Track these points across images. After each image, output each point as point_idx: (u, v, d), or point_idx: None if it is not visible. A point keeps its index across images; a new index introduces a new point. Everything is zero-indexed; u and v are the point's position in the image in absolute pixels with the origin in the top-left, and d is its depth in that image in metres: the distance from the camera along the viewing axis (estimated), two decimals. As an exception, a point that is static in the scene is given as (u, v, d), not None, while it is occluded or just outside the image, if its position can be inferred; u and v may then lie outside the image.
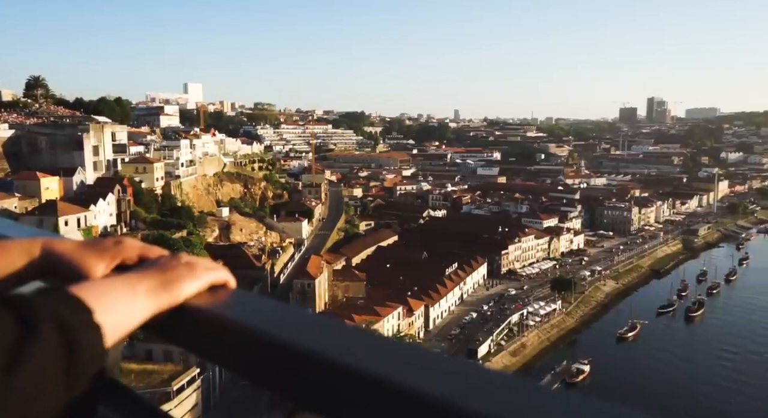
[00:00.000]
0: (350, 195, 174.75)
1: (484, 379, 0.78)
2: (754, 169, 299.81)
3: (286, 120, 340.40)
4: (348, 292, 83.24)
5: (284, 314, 1.06)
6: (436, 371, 0.79)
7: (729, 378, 72.77)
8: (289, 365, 0.89)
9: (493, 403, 0.73)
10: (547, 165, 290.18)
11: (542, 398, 0.77)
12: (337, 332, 0.97)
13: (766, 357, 79.94)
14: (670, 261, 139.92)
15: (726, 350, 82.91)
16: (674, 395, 67.85)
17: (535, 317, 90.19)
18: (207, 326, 1.05)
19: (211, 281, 1.15)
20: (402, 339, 49.08)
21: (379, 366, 0.78)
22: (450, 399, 0.72)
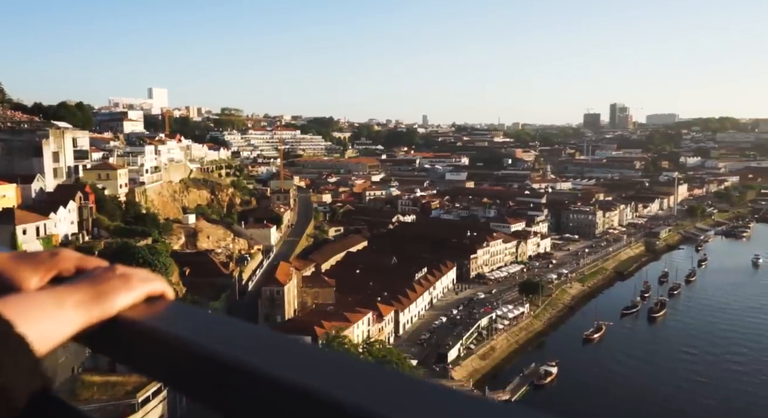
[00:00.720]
0: (319, 201, 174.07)
1: (408, 388, 0.79)
2: (711, 173, 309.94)
3: (253, 126, 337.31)
4: (317, 298, 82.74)
5: (220, 325, 1.05)
6: (369, 384, 0.79)
7: (688, 379, 74.68)
8: (221, 377, 0.89)
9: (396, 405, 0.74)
10: (514, 170, 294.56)
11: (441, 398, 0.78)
12: (273, 344, 0.94)
13: (723, 358, 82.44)
14: (634, 263, 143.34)
15: (685, 351, 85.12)
16: (637, 396, 69.40)
17: (504, 321, 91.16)
18: (139, 338, 1.04)
19: (147, 293, 1.15)
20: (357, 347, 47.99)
21: (311, 379, 0.77)
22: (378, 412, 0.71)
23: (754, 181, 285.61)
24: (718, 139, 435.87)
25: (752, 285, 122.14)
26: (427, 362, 74.42)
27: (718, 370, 76.42)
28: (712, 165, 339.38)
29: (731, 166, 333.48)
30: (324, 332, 64.07)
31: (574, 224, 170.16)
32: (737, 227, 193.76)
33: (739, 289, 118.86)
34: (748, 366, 77.60)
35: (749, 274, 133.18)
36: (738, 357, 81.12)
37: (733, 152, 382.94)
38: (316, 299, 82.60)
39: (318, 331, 65.24)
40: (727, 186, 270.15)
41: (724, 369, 77.27)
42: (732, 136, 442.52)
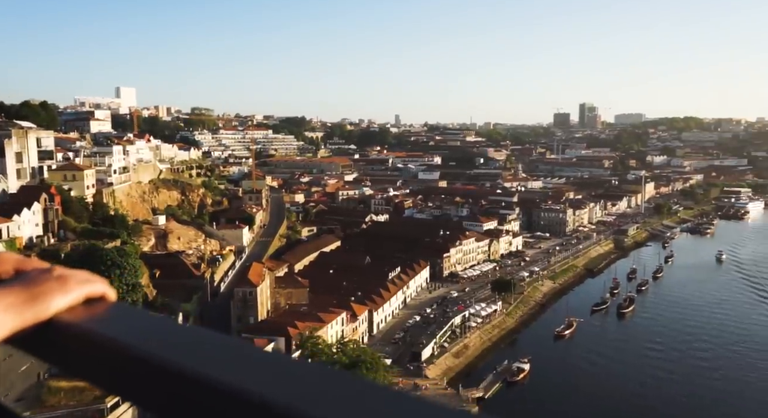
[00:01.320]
0: (292, 201, 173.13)
1: (342, 386, 0.79)
2: (677, 171, 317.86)
3: (225, 125, 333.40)
4: (291, 299, 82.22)
5: (159, 327, 1.03)
6: (302, 384, 0.78)
7: (656, 374, 76.22)
8: (156, 380, 0.88)
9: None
10: (486, 169, 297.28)
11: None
12: (211, 345, 0.94)
13: (688, 352, 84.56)
14: (603, 260, 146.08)
15: (653, 346, 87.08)
16: (607, 391, 70.72)
17: (477, 319, 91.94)
18: (74, 341, 1.03)
19: (85, 295, 1.13)
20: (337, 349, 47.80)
21: (252, 382, 0.76)
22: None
23: (717, 180, 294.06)
24: (683, 138, 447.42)
25: (716, 281, 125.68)
26: (401, 361, 74.64)
27: (684, 364, 78.35)
28: (677, 164, 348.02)
29: (696, 165, 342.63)
30: (298, 332, 63.73)
31: (545, 222, 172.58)
32: (702, 224, 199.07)
33: (704, 284, 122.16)
34: (713, 361, 79.66)
35: (713, 270, 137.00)
36: (703, 352, 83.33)
37: (698, 151, 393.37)
38: (289, 299, 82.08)
39: (291, 332, 64.88)
40: (691, 184, 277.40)
41: (690, 364, 79.29)
42: (696, 136, 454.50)
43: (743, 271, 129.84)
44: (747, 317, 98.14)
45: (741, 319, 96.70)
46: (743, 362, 77.92)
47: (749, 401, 66.10)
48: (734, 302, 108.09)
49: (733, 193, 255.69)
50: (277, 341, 63.93)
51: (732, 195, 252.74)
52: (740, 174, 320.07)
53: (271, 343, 63.06)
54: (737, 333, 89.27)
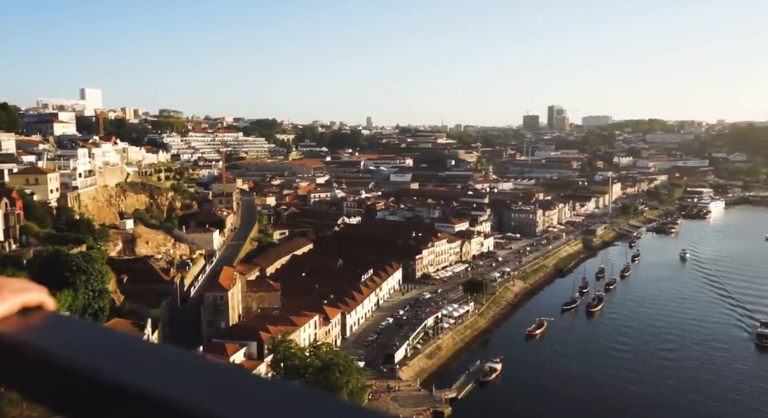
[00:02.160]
0: (263, 204, 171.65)
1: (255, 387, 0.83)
2: (642, 172, 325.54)
3: (194, 128, 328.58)
4: (263, 303, 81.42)
5: (95, 337, 1.00)
6: (233, 392, 0.78)
7: (624, 370, 77.82)
8: (89, 392, 0.85)
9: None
10: (457, 171, 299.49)
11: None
12: (144, 354, 0.91)
13: (655, 349, 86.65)
14: (572, 260, 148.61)
15: (621, 343, 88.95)
16: (577, 389, 71.93)
17: (450, 320, 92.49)
18: (5, 352, 0.99)
19: (21, 304, 1.10)
20: None
21: (177, 390, 0.76)
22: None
23: (680, 180, 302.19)
24: (648, 140, 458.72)
25: (680, 278, 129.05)
26: (374, 364, 74.59)
27: (650, 363, 79.97)
28: (642, 165, 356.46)
29: (660, 166, 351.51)
30: (270, 336, 63.10)
31: (515, 223, 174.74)
32: (666, 224, 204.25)
33: (669, 282, 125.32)
34: (677, 360, 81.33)
35: (677, 268, 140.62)
36: (667, 351, 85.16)
37: (662, 152, 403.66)
38: (261, 303, 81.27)
39: (263, 336, 64.23)
40: (656, 185, 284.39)
41: (657, 360, 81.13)
42: (660, 137, 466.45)
43: (704, 270, 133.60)
44: (708, 315, 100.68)
45: (702, 317, 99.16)
46: (704, 360, 79.73)
47: (710, 398, 67.60)
48: (696, 300, 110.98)
49: (696, 194, 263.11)
50: (248, 345, 63.24)
51: (695, 195, 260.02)
52: (702, 174, 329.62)
53: (242, 348, 62.37)
54: (698, 331, 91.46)
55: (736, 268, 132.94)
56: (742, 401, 65.68)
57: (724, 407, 65.02)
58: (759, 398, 66.03)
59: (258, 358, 62.94)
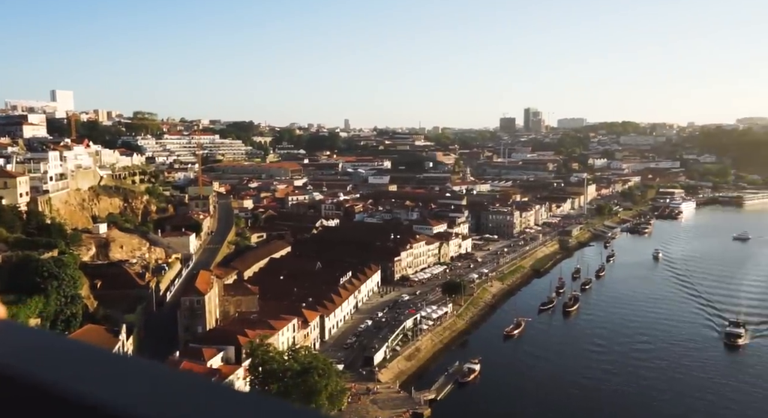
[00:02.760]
0: (240, 207, 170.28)
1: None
2: (616, 173, 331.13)
3: (169, 130, 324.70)
4: (240, 306, 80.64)
5: (42, 345, 0.99)
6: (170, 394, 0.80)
7: (600, 368, 79.17)
8: (29, 401, 0.85)
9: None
10: (435, 173, 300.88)
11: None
12: (87, 360, 0.90)
13: (629, 346, 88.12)
14: (549, 261, 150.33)
15: (596, 342, 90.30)
16: (555, 387, 72.75)
17: (428, 321, 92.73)
18: None
19: None
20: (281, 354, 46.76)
21: (113, 395, 0.77)
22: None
23: (653, 181, 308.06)
24: (621, 142, 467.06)
25: (653, 278, 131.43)
26: (353, 366, 74.43)
27: (625, 360, 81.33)
28: (616, 166, 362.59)
29: (633, 167, 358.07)
30: (248, 340, 62.53)
31: (493, 224, 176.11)
32: (640, 224, 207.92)
33: (642, 282, 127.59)
34: (651, 354, 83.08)
35: (650, 268, 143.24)
36: (641, 348, 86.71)
37: (635, 154, 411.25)
38: (238, 307, 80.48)
39: (241, 340, 63.63)
40: (630, 186, 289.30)
41: (631, 359, 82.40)
42: (634, 139, 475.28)
43: (675, 269, 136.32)
44: (679, 314, 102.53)
45: (674, 317, 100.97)
46: (676, 359, 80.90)
47: (681, 397, 68.69)
48: (668, 299, 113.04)
49: (668, 194, 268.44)
50: (226, 350, 62.58)
51: (667, 196, 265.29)
52: (674, 176, 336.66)
53: (220, 352, 61.70)
54: (670, 331, 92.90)
55: (706, 267, 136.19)
56: (712, 399, 66.83)
57: (694, 405, 66.17)
58: (727, 396, 67.31)
59: (236, 362, 62.31)
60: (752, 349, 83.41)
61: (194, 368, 55.21)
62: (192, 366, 55.20)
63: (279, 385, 55.47)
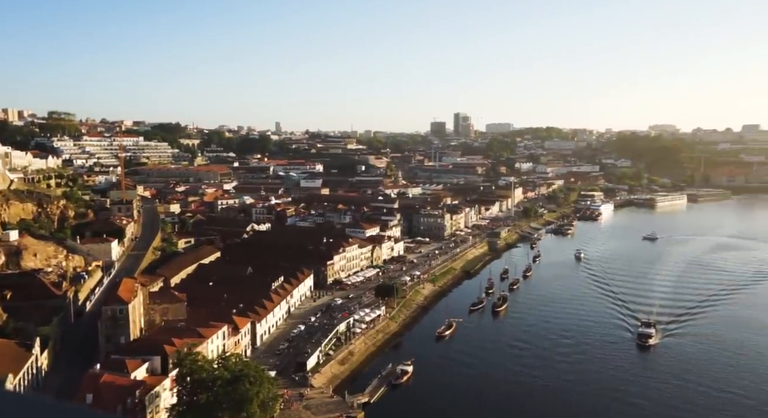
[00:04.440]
0: (167, 211, 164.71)
1: None
2: (542, 177, 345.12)
3: (89, 131, 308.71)
4: (167, 315, 77.63)
5: None
6: None
7: (528, 364, 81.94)
8: None
9: None
10: (367, 176, 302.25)
11: None
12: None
13: (555, 342, 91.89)
14: (479, 262, 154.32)
15: (524, 339, 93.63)
16: (485, 385, 74.70)
17: (362, 324, 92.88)
18: None
19: None
20: (228, 359, 46.18)
21: None
22: None
23: (575, 184, 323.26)
24: (546, 146, 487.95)
25: (574, 277, 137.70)
26: (286, 372, 73.41)
27: (549, 358, 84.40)
28: (542, 170, 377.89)
29: (557, 171, 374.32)
30: (175, 350, 60.28)
31: (424, 227, 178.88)
32: (563, 225, 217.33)
33: (565, 281, 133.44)
34: (571, 352, 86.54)
35: (573, 267, 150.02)
36: (564, 344, 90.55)
37: (558, 158, 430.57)
38: (165, 315, 77.48)
39: (168, 350, 61.28)
40: (554, 189, 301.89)
41: (554, 357, 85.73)
42: (557, 144, 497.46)
43: (594, 269, 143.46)
44: (597, 313, 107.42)
45: (592, 316, 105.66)
46: (594, 358, 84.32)
47: (597, 395, 71.68)
48: (587, 298, 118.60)
49: (589, 197, 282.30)
50: (151, 360, 60.07)
51: (587, 198, 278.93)
52: (594, 179, 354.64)
53: (145, 363, 59.17)
54: (589, 330, 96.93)
55: (620, 267, 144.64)
56: (626, 398, 69.69)
57: (609, 403, 68.96)
58: (641, 394, 70.55)
59: (162, 373, 59.92)
60: (662, 348, 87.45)
61: (116, 380, 52.70)
62: (114, 378, 52.65)
63: (208, 394, 53.81)
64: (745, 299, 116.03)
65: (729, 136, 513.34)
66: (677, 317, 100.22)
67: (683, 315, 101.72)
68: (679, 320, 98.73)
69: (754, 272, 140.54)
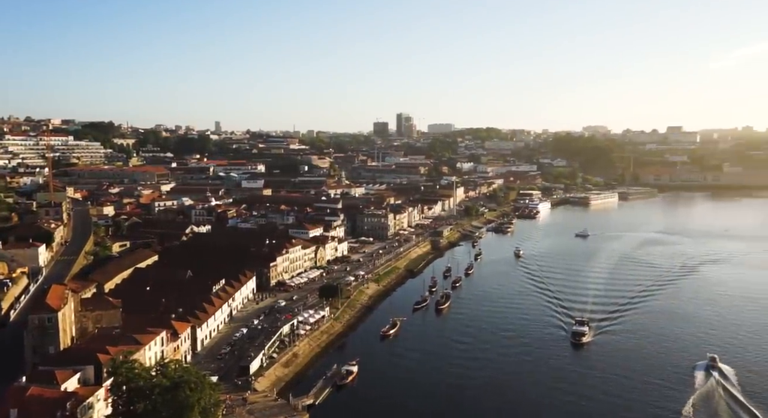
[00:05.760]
0: (100, 214, 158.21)
1: None
2: (482, 177, 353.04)
3: (11, 130, 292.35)
4: (101, 322, 74.30)
5: None
6: None
7: (471, 360, 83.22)
8: None
9: None
10: (310, 176, 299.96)
11: None
12: None
13: (497, 338, 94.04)
14: (422, 261, 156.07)
15: (467, 336, 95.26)
16: (428, 384, 75.49)
17: (306, 326, 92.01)
18: None
19: None
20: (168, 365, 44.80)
21: None
22: None
23: (514, 184, 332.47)
24: (486, 147, 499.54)
25: (513, 274, 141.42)
26: (229, 377, 71.76)
27: (489, 355, 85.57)
28: (482, 170, 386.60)
29: (497, 171, 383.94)
30: (109, 358, 57.73)
31: (368, 227, 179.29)
32: (503, 224, 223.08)
33: (505, 278, 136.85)
34: (510, 350, 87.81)
35: (512, 264, 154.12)
36: (504, 340, 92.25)
37: (498, 158, 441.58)
38: (98, 323, 74.13)
39: (102, 358, 58.65)
40: (494, 188, 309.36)
41: (498, 351, 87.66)
42: (497, 144, 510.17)
43: (531, 266, 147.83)
44: (534, 310, 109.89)
45: (529, 312, 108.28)
46: (530, 356, 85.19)
47: (533, 393, 72.73)
48: (525, 294, 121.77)
49: (527, 196, 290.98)
50: (84, 370, 57.26)
51: (526, 197, 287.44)
52: (532, 178, 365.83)
53: (77, 374, 56.39)
54: (527, 328, 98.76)
55: (555, 264, 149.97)
56: (559, 395, 71.25)
57: (543, 400, 70.42)
58: (574, 392, 72.64)
59: (96, 383, 57.24)
60: (595, 345, 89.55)
61: (45, 392, 49.97)
62: (42, 391, 49.91)
63: (146, 403, 51.82)
64: (673, 292, 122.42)
65: (655, 137, 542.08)
66: (609, 314, 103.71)
67: (615, 312, 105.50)
68: (611, 318, 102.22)
69: (680, 266, 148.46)
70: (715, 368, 78.39)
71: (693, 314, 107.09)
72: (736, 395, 70.92)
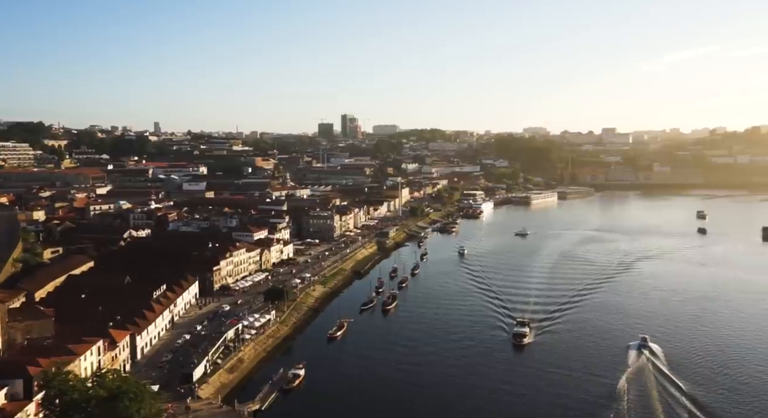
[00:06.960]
0: (29, 219, 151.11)
1: None
2: (427, 177, 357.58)
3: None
4: (31, 333, 70.57)
5: None
6: None
7: (411, 369, 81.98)
8: None
9: None
10: (254, 178, 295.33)
11: None
12: None
13: (444, 336, 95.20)
14: (369, 262, 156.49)
15: (413, 336, 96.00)
16: (375, 386, 75.67)
17: (251, 330, 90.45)
18: None
19: None
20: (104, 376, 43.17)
21: None
22: None
23: (458, 184, 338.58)
24: (430, 148, 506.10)
25: (458, 274, 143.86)
26: (171, 385, 69.61)
27: (433, 357, 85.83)
28: (427, 171, 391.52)
29: (441, 171, 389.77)
30: (41, 370, 54.94)
31: (314, 228, 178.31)
32: (448, 224, 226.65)
33: (450, 278, 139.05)
34: (454, 352, 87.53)
35: (457, 263, 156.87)
36: (449, 342, 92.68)
37: (442, 159, 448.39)
38: (28, 333, 70.35)
39: (32, 371, 55.71)
40: (439, 189, 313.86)
41: (442, 352, 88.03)
42: (441, 146, 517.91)
43: (472, 265, 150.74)
44: (476, 309, 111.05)
45: (472, 312, 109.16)
46: (473, 358, 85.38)
47: (474, 395, 73.11)
48: (468, 292, 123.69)
49: (471, 196, 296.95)
50: (12, 384, 54.21)
51: (470, 197, 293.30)
52: (475, 179, 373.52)
53: (3, 388, 53.37)
54: (470, 328, 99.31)
55: (497, 263, 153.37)
56: (501, 397, 72.18)
57: (484, 402, 71.35)
58: (515, 392, 74.39)
59: (25, 397, 54.34)
60: (536, 345, 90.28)
61: (-30, 409, 47.04)
62: (-33, 408, 46.95)
63: (82, 416, 49.63)
64: (611, 288, 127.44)
65: (591, 138, 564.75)
66: (550, 314, 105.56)
67: (555, 311, 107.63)
68: (552, 317, 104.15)
69: (618, 262, 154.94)
70: (646, 347, 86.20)
71: (628, 306, 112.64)
72: (663, 370, 78.02)
